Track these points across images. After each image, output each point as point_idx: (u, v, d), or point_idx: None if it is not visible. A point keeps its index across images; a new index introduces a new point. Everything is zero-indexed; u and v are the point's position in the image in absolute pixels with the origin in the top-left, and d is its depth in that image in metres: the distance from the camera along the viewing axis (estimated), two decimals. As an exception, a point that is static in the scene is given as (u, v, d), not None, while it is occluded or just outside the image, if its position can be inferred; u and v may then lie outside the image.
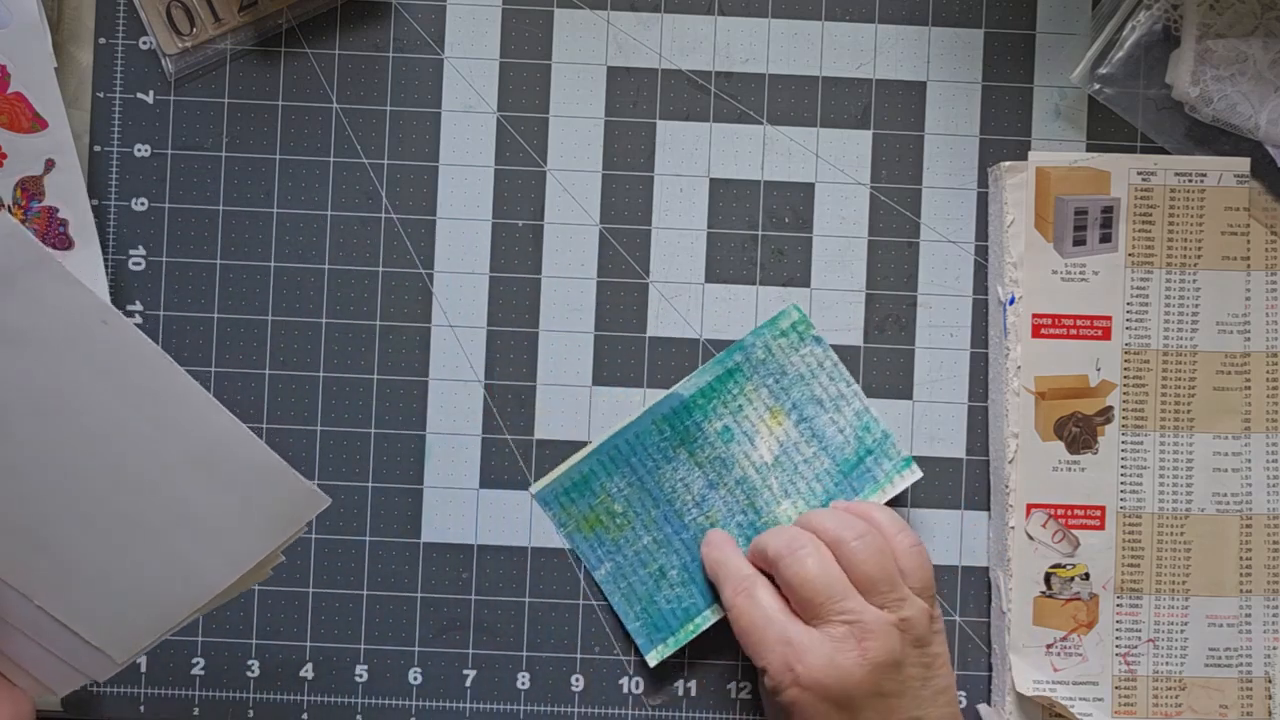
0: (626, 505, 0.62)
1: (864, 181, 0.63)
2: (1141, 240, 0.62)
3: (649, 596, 0.61)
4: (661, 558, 0.62)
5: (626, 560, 0.62)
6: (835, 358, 0.62)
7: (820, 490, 0.61)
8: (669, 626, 0.61)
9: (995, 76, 0.63)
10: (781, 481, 0.61)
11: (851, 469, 0.61)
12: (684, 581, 0.61)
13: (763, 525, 0.61)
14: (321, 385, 0.63)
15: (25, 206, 0.59)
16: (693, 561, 0.61)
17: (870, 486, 0.61)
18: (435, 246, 0.63)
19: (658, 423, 0.62)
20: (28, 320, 0.44)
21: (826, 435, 0.62)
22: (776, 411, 0.62)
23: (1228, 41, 0.60)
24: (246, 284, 0.63)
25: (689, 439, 0.62)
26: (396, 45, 0.63)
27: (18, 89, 0.58)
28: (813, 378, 0.62)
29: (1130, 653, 0.61)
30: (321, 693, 0.62)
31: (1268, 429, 0.62)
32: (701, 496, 0.62)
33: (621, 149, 0.63)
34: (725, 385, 0.62)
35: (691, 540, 0.61)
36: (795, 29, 0.63)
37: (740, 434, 0.62)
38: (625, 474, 0.62)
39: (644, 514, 0.62)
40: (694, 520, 0.62)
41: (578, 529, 0.62)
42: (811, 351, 0.62)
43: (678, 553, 0.61)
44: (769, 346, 0.62)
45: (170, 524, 0.47)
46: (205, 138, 0.63)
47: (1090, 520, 0.61)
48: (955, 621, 0.63)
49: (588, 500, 0.62)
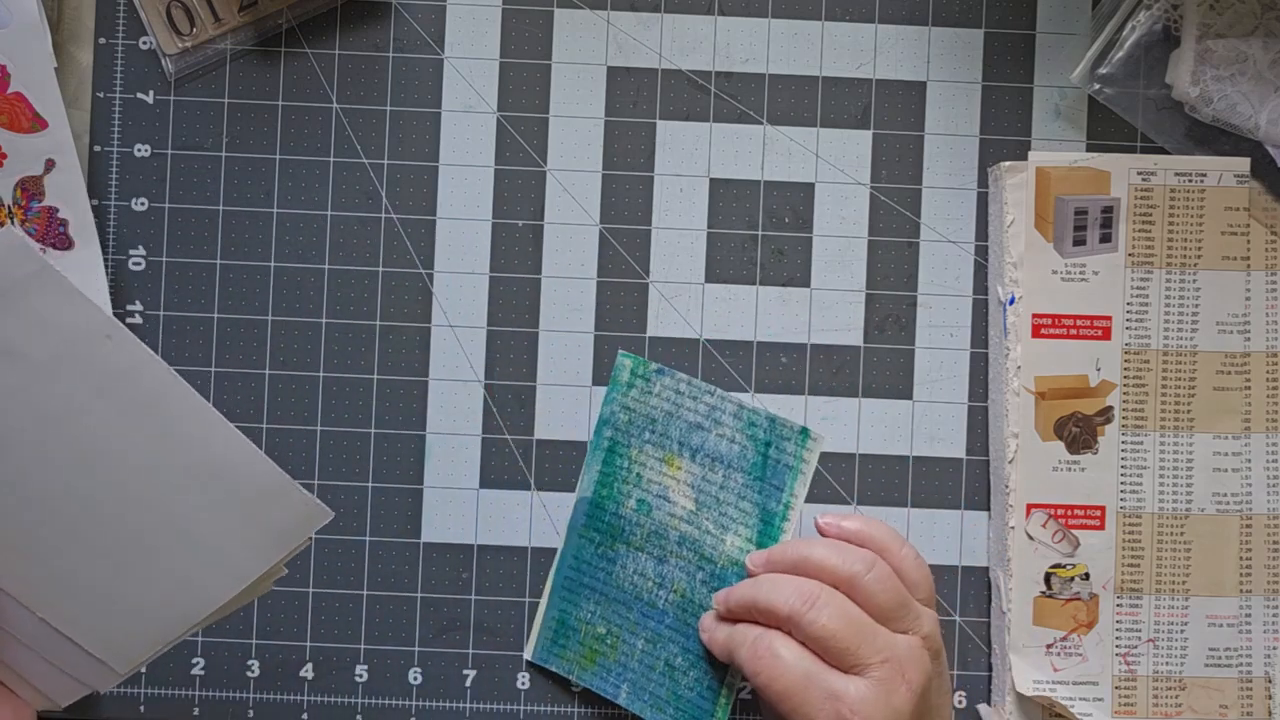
0: (606, 624, 0.61)
1: (864, 181, 0.63)
2: (1141, 240, 0.62)
3: (673, 693, 0.61)
4: (661, 652, 0.61)
5: (635, 673, 0.61)
6: (685, 376, 0.62)
7: (749, 507, 0.61)
8: (706, 708, 0.61)
9: (995, 76, 0.63)
10: (714, 519, 0.61)
11: (763, 469, 0.61)
12: (693, 663, 0.60)
13: (722, 571, 0.60)
14: (321, 385, 0.63)
15: (25, 206, 0.59)
16: (689, 641, 0.60)
17: (789, 476, 0.61)
18: (435, 246, 0.63)
19: (584, 534, 0.62)
20: (30, 334, 0.44)
21: (722, 452, 0.61)
22: (670, 459, 0.61)
23: (1228, 41, 0.60)
24: (246, 284, 0.63)
25: (617, 531, 0.61)
26: (396, 45, 0.63)
27: (18, 89, 0.58)
28: (679, 408, 0.61)
29: (1130, 653, 0.61)
30: (321, 693, 0.62)
31: (1268, 429, 0.62)
32: (659, 576, 0.61)
33: (621, 149, 0.63)
34: (614, 464, 0.62)
35: (675, 622, 0.61)
36: (795, 29, 0.63)
37: (653, 499, 0.61)
38: (588, 596, 0.61)
39: (625, 622, 0.61)
40: (666, 601, 0.61)
41: (583, 669, 0.61)
42: (663, 385, 0.62)
43: (672, 640, 0.61)
44: (626, 406, 0.62)
45: (173, 539, 0.47)
46: (205, 138, 0.63)
47: (1090, 520, 0.61)
48: (955, 621, 0.63)
49: (574, 639, 0.62)
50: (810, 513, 0.61)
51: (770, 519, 0.61)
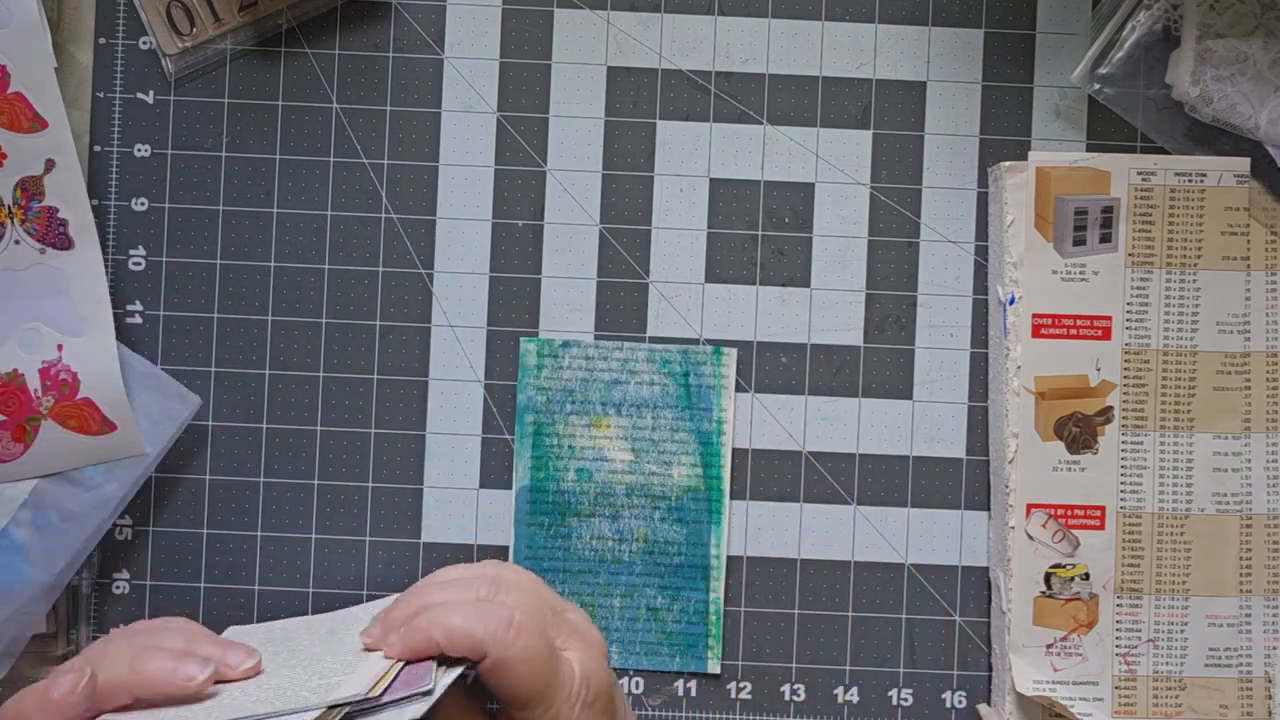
0: (578, 598, 0.62)
1: (864, 181, 0.63)
2: (1141, 240, 0.62)
3: (662, 634, 0.62)
4: (639, 599, 0.62)
5: (620, 631, 0.62)
6: (591, 341, 0.62)
7: (685, 435, 0.62)
8: (699, 631, 0.61)
9: (995, 76, 0.63)
10: (655, 459, 0.62)
11: (688, 398, 0.62)
12: (673, 597, 0.62)
13: (678, 501, 0.62)
14: (321, 385, 0.63)
15: (25, 206, 0.59)
16: (663, 579, 0.61)
17: (713, 395, 0.62)
18: (435, 246, 0.63)
19: (532, 522, 0.62)
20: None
21: (645, 397, 0.62)
22: (597, 421, 0.62)
23: (1228, 41, 0.60)
24: (246, 284, 0.63)
25: (564, 508, 0.62)
26: (396, 45, 0.63)
27: (18, 89, 0.58)
28: (592, 372, 0.62)
29: (1130, 653, 0.61)
30: (321, 693, 0.62)
31: (1268, 429, 0.62)
32: (617, 533, 0.62)
33: (621, 149, 0.63)
34: (543, 445, 0.62)
35: (645, 567, 0.61)
36: (795, 29, 0.63)
37: (591, 464, 0.62)
38: (552, 579, 0.62)
39: (596, 588, 0.62)
40: (630, 552, 0.62)
41: None
42: (571, 356, 0.62)
43: (646, 584, 0.62)
44: (540, 387, 0.62)
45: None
46: (205, 138, 0.63)
47: (1090, 520, 0.61)
48: (955, 621, 0.63)
49: None
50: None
51: (707, 439, 0.62)
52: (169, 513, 0.62)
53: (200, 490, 0.62)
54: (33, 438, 0.59)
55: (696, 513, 0.62)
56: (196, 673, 0.48)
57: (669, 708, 0.63)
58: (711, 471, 0.62)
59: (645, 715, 0.63)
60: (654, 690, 0.63)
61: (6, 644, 0.59)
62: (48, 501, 0.60)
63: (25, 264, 0.59)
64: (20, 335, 0.59)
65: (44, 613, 0.60)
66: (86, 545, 0.60)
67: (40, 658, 0.61)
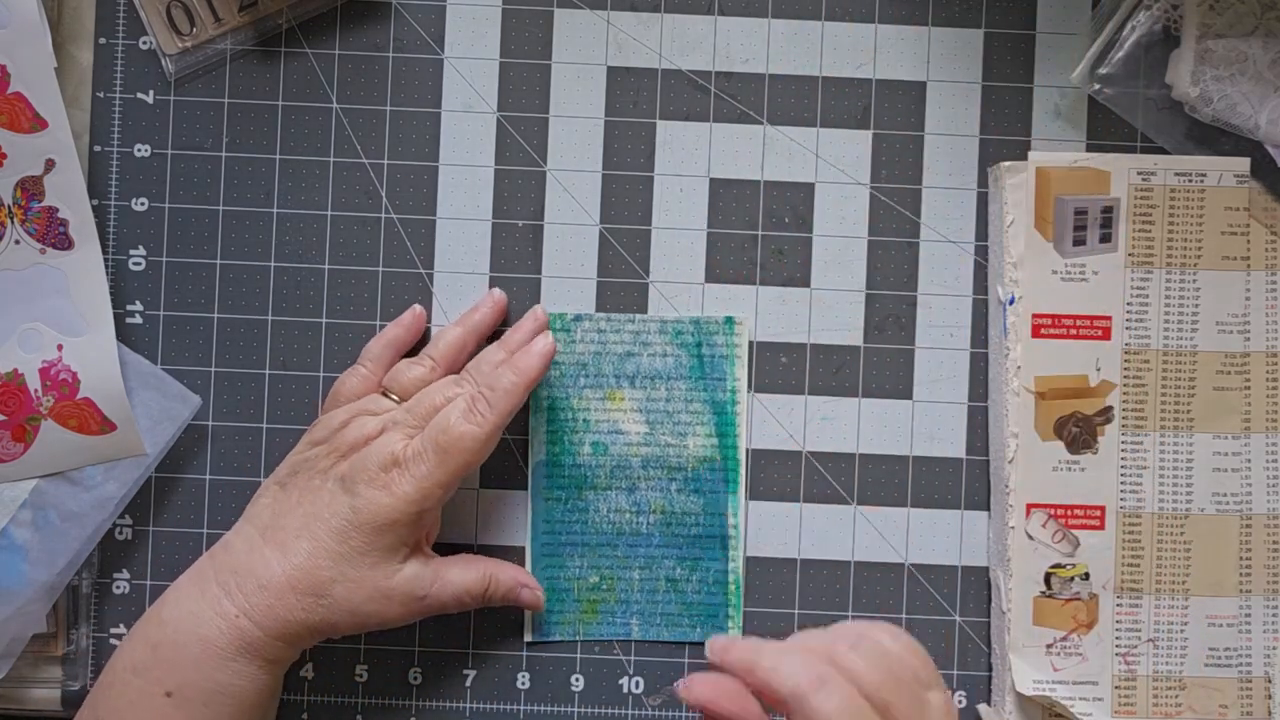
0: (598, 571, 0.62)
1: (864, 181, 0.63)
2: (1141, 240, 0.62)
3: (682, 604, 0.62)
4: (659, 571, 0.62)
5: (639, 603, 0.62)
6: (603, 314, 0.62)
7: (700, 406, 0.62)
8: (719, 601, 0.61)
9: (995, 76, 0.63)
10: (670, 431, 0.62)
11: (701, 368, 0.62)
12: (693, 567, 0.62)
13: (695, 472, 0.62)
14: (321, 385, 0.63)
15: (25, 206, 0.59)
16: (682, 550, 0.62)
17: (726, 364, 0.62)
18: (435, 246, 0.63)
19: (549, 496, 0.62)
20: None
21: (658, 369, 0.62)
22: (611, 394, 0.62)
23: (1228, 41, 0.60)
24: (246, 284, 0.63)
25: (580, 481, 0.62)
26: (396, 45, 0.63)
27: (18, 89, 0.58)
28: (605, 345, 0.62)
29: (1130, 653, 0.61)
30: (321, 693, 0.62)
31: (1268, 429, 0.62)
32: (634, 505, 0.62)
33: (621, 149, 0.63)
34: (558, 420, 0.62)
35: (663, 539, 0.62)
36: (795, 29, 0.63)
37: (606, 436, 0.62)
38: (570, 553, 0.62)
39: (614, 561, 0.62)
40: (648, 524, 0.62)
41: (586, 624, 0.62)
42: (583, 330, 0.62)
43: (665, 555, 0.62)
44: (553, 361, 0.60)
45: None
46: (205, 138, 0.63)
47: (1090, 520, 0.61)
48: (955, 621, 0.63)
49: (569, 599, 0.62)
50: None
51: (722, 409, 0.62)
52: (169, 513, 0.62)
53: (200, 490, 0.63)
54: (33, 438, 0.59)
55: (713, 482, 0.62)
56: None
57: (669, 708, 0.63)
58: (727, 441, 0.62)
59: (645, 715, 0.63)
60: (654, 690, 0.63)
61: (6, 644, 0.59)
62: (48, 501, 0.60)
63: (25, 264, 0.59)
64: (20, 335, 0.59)
65: (44, 613, 0.60)
66: (86, 545, 0.60)
67: (40, 658, 0.61)
